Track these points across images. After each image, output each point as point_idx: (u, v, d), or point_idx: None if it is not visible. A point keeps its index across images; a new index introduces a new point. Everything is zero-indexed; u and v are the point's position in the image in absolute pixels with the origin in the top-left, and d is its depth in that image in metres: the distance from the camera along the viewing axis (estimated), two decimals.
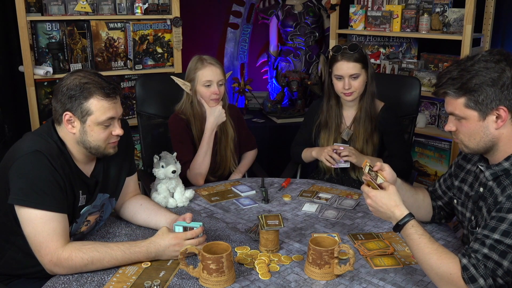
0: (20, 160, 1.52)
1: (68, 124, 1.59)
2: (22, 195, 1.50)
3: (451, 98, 1.45)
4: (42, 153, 1.53)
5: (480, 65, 1.40)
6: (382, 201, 1.47)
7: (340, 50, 2.29)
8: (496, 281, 1.33)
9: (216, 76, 2.34)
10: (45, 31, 3.04)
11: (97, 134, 1.61)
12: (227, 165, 2.47)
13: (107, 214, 1.81)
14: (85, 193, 1.66)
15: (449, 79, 1.44)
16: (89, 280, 1.48)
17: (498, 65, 1.39)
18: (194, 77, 2.34)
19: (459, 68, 1.43)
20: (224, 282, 1.46)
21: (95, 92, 1.58)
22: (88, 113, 1.58)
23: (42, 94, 3.08)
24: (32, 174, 1.51)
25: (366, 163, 1.57)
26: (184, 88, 2.39)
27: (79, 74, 1.60)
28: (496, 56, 1.41)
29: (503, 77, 1.38)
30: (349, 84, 2.28)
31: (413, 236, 1.42)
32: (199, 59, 2.38)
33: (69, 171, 1.59)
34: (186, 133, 2.36)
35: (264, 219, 1.67)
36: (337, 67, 2.29)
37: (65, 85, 1.58)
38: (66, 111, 1.58)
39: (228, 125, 2.45)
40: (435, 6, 3.23)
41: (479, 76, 1.39)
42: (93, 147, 1.62)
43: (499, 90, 1.38)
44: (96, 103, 1.58)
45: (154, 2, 3.26)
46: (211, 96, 2.32)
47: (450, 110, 1.47)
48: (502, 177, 1.44)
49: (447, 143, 3.34)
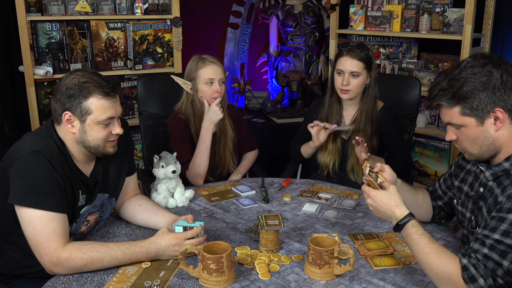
0: (20, 160, 1.52)
1: (68, 124, 1.59)
2: (22, 195, 1.50)
3: (445, 109, 1.45)
4: (42, 153, 1.53)
5: (467, 71, 1.40)
6: (383, 201, 1.47)
7: (348, 46, 2.32)
8: (496, 281, 1.33)
9: (217, 74, 2.34)
10: (45, 31, 3.04)
11: (96, 133, 1.61)
12: (226, 165, 2.47)
13: (107, 214, 1.81)
14: (84, 193, 1.66)
15: (440, 91, 1.44)
16: (89, 280, 1.48)
17: (485, 68, 1.39)
18: (196, 76, 2.34)
19: (447, 78, 1.43)
20: (224, 282, 1.46)
21: (95, 91, 1.57)
22: (87, 112, 1.58)
23: (42, 94, 3.08)
24: (32, 174, 1.51)
25: (366, 164, 1.57)
26: (184, 87, 2.38)
27: (78, 74, 1.60)
28: (481, 60, 1.41)
29: (492, 79, 1.39)
30: (348, 81, 2.29)
31: (413, 236, 1.42)
32: (199, 58, 2.38)
33: (69, 171, 1.59)
34: (185, 133, 2.36)
35: (264, 219, 1.67)
36: (340, 62, 2.32)
37: (64, 84, 1.58)
38: (66, 111, 1.58)
39: (227, 125, 2.45)
40: (435, 6, 3.23)
41: (469, 82, 1.39)
42: (92, 146, 1.62)
43: (491, 93, 1.39)
44: (95, 102, 1.58)
45: (154, 2, 3.26)
46: (213, 95, 2.32)
47: (447, 120, 1.47)
48: (502, 177, 1.44)
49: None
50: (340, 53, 2.35)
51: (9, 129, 3.05)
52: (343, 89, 2.32)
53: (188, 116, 2.39)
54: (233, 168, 2.50)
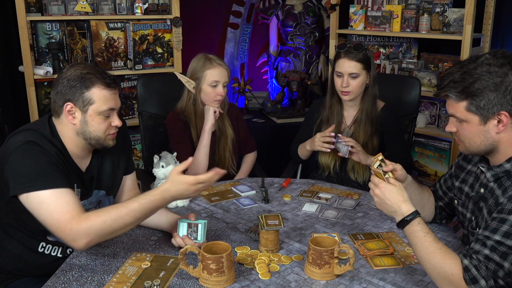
0: (15, 152, 1.52)
1: (69, 115, 1.60)
2: (26, 182, 1.49)
3: (452, 101, 1.44)
4: (35, 142, 1.54)
5: (483, 68, 1.38)
6: (391, 194, 1.46)
7: (345, 48, 2.31)
8: (497, 282, 1.33)
9: (223, 77, 2.34)
10: (45, 31, 3.04)
11: (97, 124, 1.62)
12: (226, 165, 2.46)
13: None
14: (79, 187, 1.66)
15: (451, 82, 1.42)
16: (89, 280, 1.48)
17: (501, 69, 1.37)
18: (201, 76, 2.33)
19: (461, 71, 1.41)
20: (224, 282, 1.45)
21: (96, 81, 1.59)
22: (89, 102, 1.59)
23: (42, 94, 3.08)
24: (29, 160, 1.51)
25: (378, 157, 1.53)
26: (187, 85, 2.37)
27: (79, 66, 1.62)
28: (500, 60, 1.39)
29: (505, 81, 1.37)
30: (347, 83, 2.29)
31: (418, 233, 1.41)
32: (206, 57, 2.36)
33: (63, 164, 1.59)
34: (185, 133, 2.36)
35: (264, 219, 1.67)
36: (339, 64, 2.33)
37: (65, 76, 1.59)
38: (67, 102, 1.58)
39: (226, 125, 2.45)
40: (435, 6, 3.23)
41: (482, 80, 1.38)
42: (93, 137, 1.63)
43: (501, 95, 1.37)
44: (97, 92, 1.59)
45: (154, 2, 3.26)
46: (216, 97, 2.32)
47: (451, 112, 1.47)
48: (503, 178, 1.44)
49: (447, 143, 3.34)
50: (338, 55, 2.35)
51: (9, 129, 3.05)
52: (343, 91, 2.32)
53: (190, 115, 2.38)
54: (233, 168, 2.49)
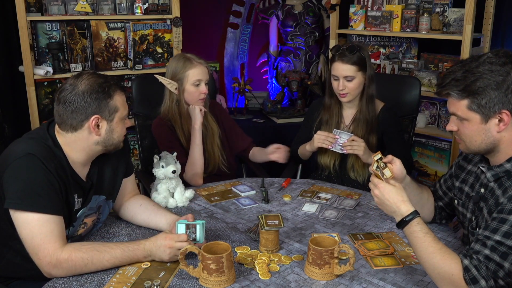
0: (13, 164, 1.50)
1: (95, 128, 1.58)
2: (17, 199, 1.48)
3: (453, 99, 1.44)
4: (35, 156, 1.50)
5: (485, 67, 1.38)
6: (390, 194, 1.46)
7: (339, 51, 2.30)
8: (497, 283, 1.33)
9: (205, 76, 2.34)
10: (45, 31, 3.04)
11: (120, 129, 1.64)
12: (216, 161, 2.43)
13: (104, 216, 1.80)
14: (80, 196, 1.64)
15: (453, 80, 1.42)
16: (89, 280, 1.48)
17: (504, 68, 1.37)
18: (183, 77, 2.32)
19: (463, 69, 1.41)
20: (224, 282, 1.45)
21: (116, 89, 1.60)
22: (115, 110, 1.60)
23: (42, 94, 3.08)
24: (26, 177, 1.49)
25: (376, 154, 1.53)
26: (169, 87, 2.35)
27: (84, 78, 1.57)
28: (502, 59, 1.39)
29: (507, 80, 1.37)
30: (343, 85, 2.30)
31: (418, 233, 1.41)
32: (185, 58, 2.35)
33: (64, 175, 1.57)
34: (172, 137, 2.34)
35: (264, 219, 1.66)
36: (334, 67, 2.33)
37: (78, 91, 1.54)
38: (93, 115, 1.56)
39: (210, 122, 2.43)
40: (435, 6, 3.23)
41: (484, 79, 1.38)
42: (115, 143, 1.65)
43: (503, 94, 1.37)
44: (119, 99, 1.61)
45: (154, 2, 3.26)
46: (200, 96, 2.32)
47: (452, 111, 1.47)
48: (503, 178, 1.44)
49: (447, 143, 3.34)
50: (332, 58, 2.35)
51: (9, 129, 3.05)
52: (340, 93, 2.33)
53: (174, 117, 2.36)
54: (223, 164, 2.46)
